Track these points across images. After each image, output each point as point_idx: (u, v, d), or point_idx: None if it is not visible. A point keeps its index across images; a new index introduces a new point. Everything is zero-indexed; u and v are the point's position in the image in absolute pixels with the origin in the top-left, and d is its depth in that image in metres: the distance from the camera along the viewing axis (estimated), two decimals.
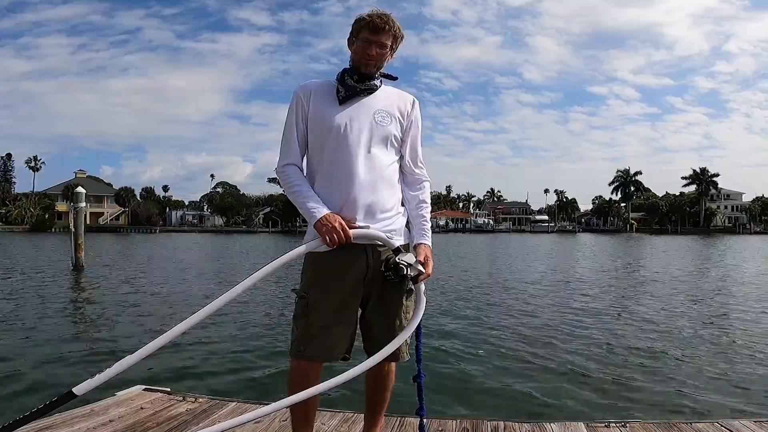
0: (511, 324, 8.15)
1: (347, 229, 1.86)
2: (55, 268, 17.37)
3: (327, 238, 1.86)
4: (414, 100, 2.13)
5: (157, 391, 3.30)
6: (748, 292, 11.94)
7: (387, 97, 2.07)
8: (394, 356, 2.10)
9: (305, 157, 2.06)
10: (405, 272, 1.87)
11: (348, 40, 2.04)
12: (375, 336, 2.06)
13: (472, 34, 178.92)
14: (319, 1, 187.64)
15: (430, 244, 2.07)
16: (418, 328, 2.07)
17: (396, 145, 2.07)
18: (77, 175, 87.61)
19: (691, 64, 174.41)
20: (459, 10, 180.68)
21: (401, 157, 2.12)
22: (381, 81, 2.06)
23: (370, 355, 2.15)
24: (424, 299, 1.97)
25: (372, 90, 2.03)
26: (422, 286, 1.96)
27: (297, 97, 2.02)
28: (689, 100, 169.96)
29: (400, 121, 2.06)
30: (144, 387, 3.35)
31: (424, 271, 1.95)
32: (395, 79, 2.11)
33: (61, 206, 74.93)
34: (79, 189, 17.47)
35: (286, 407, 2.00)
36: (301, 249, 1.89)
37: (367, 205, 1.95)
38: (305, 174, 2.05)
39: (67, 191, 66.12)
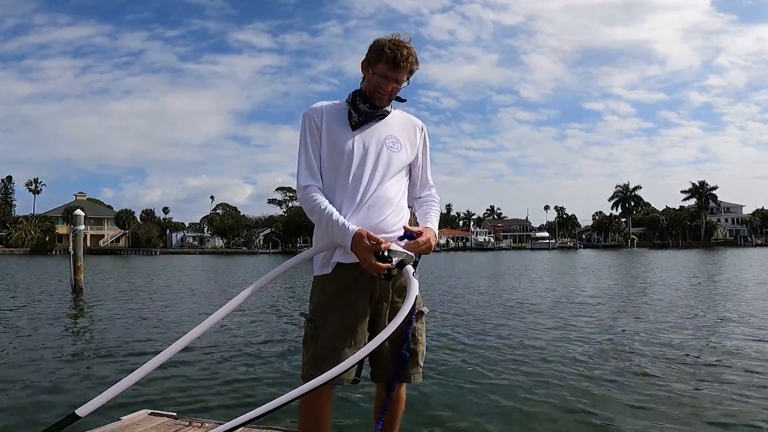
0: (508, 344, 8.08)
1: (380, 267, 1.83)
2: (55, 290, 17.28)
3: (365, 262, 1.85)
4: (423, 126, 2.19)
5: (163, 415, 3.26)
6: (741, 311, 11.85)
7: (398, 123, 2.11)
8: (406, 377, 2.08)
9: None
10: (386, 256, 1.83)
11: (363, 62, 2.04)
12: (383, 358, 2.04)
13: (469, 53, 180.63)
14: (319, 23, 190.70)
15: (435, 229, 2.08)
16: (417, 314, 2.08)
17: (405, 169, 2.13)
18: (77, 198, 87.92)
19: (683, 79, 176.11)
20: (455, 30, 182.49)
21: (412, 180, 2.19)
22: (392, 105, 2.10)
23: (376, 378, 2.12)
24: (414, 281, 1.89)
25: (384, 116, 2.07)
26: (410, 269, 1.91)
27: (310, 119, 2.03)
28: (683, 114, 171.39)
29: (410, 146, 2.11)
30: (150, 411, 3.31)
31: (409, 254, 1.89)
32: (404, 101, 2.13)
33: (61, 228, 74.91)
34: (78, 212, 17.50)
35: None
36: (309, 252, 2.02)
37: (374, 227, 1.95)
38: None
39: (67, 213, 66.16)
